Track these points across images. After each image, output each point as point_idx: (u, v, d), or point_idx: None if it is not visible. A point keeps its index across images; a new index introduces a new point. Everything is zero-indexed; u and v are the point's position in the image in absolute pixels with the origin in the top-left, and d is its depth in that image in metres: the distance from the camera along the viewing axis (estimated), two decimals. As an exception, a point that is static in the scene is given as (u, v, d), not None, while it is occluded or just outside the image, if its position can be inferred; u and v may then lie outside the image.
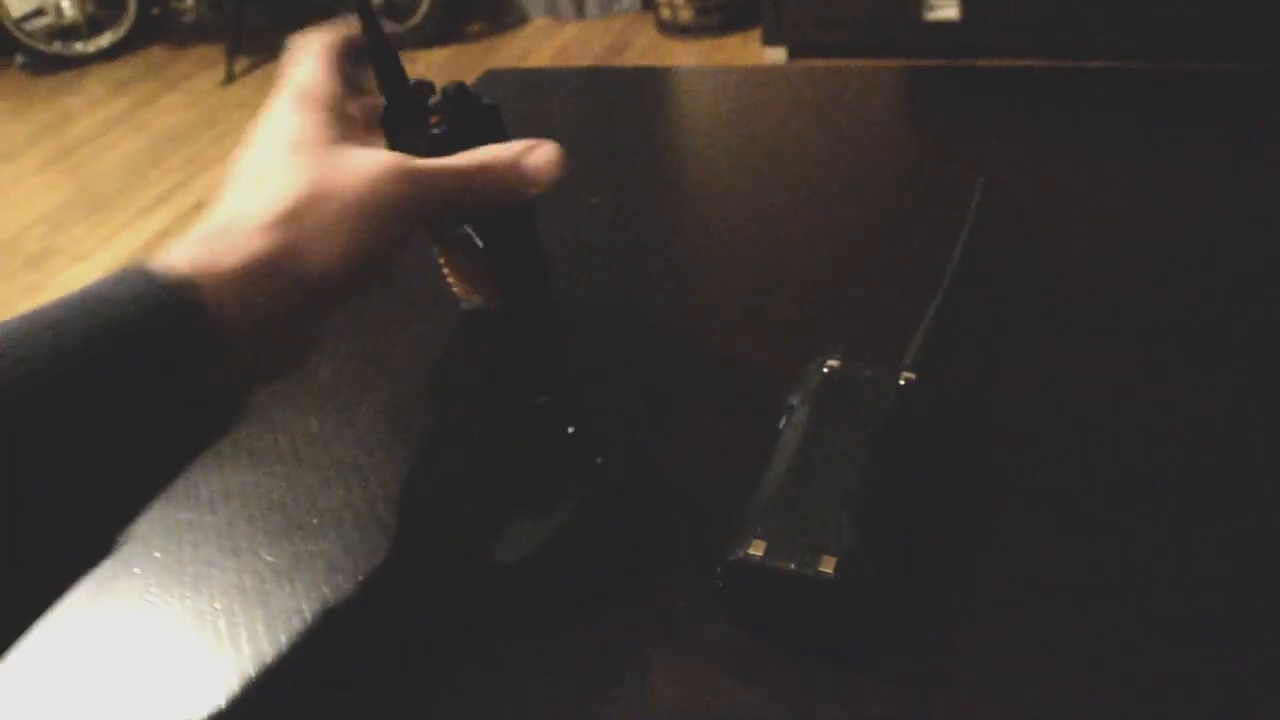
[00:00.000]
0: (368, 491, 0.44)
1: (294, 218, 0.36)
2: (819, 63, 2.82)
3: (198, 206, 2.65)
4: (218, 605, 0.40)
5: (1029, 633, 0.34)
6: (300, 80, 0.42)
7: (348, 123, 0.41)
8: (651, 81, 0.88)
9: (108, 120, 3.44)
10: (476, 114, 0.46)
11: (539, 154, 0.42)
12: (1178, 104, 0.68)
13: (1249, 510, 0.38)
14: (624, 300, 0.55)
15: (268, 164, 0.39)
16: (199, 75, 3.68)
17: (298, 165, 0.38)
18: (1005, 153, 0.64)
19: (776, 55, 2.89)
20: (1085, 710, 0.32)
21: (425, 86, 0.46)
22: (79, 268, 2.47)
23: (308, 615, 0.39)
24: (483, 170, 0.41)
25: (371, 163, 0.38)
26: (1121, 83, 0.72)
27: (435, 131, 0.44)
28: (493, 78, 0.94)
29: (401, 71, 0.45)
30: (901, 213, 0.60)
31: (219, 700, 0.36)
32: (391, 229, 0.39)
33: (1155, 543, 0.37)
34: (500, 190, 0.42)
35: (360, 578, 0.40)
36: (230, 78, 3.54)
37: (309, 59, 0.43)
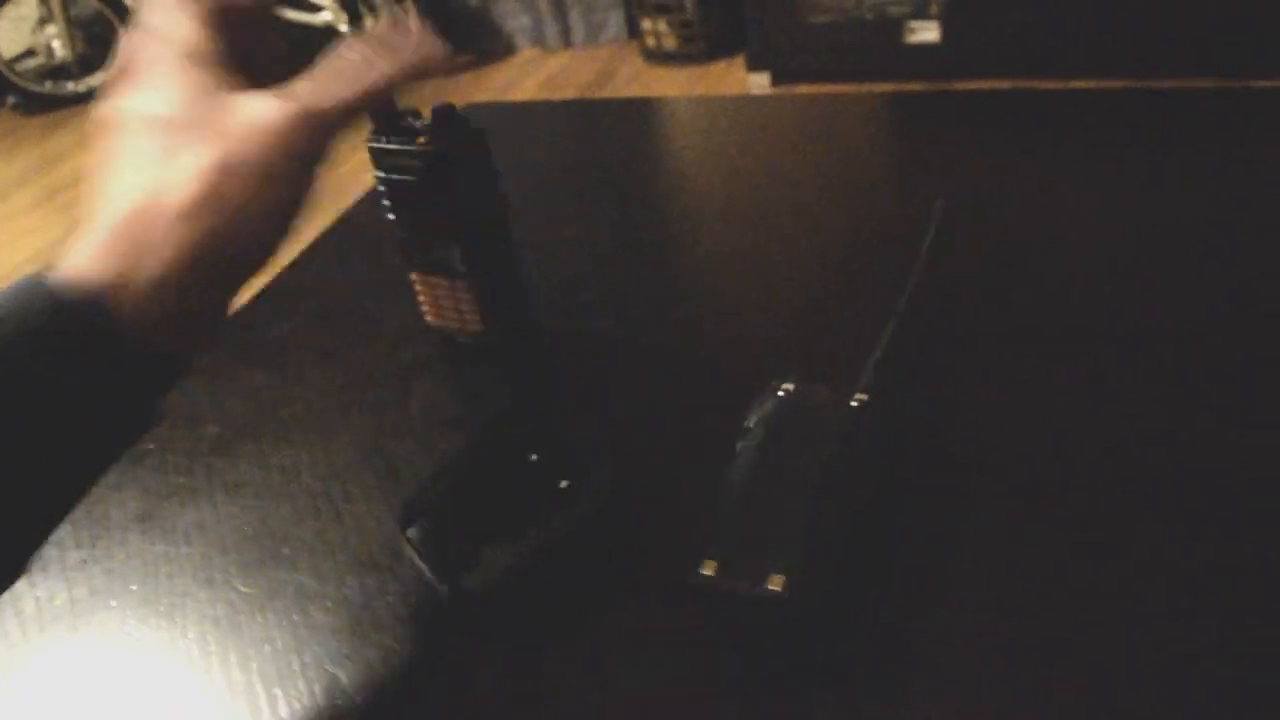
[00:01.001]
0: (340, 522, 0.45)
1: (211, 198, 0.34)
2: (802, 88, 2.84)
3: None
4: (191, 635, 0.41)
5: (995, 647, 0.35)
6: (172, 37, 0.37)
7: (229, 72, 0.37)
8: (634, 112, 0.89)
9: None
10: (464, 135, 0.49)
11: (406, 28, 0.38)
12: (1159, 122, 0.69)
13: (1218, 529, 0.38)
14: (604, 324, 0.57)
15: (162, 136, 0.35)
16: (190, 112, 3.69)
17: (198, 138, 0.35)
18: (982, 176, 0.65)
19: (760, 81, 2.91)
20: None
21: (411, 113, 0.48)
22: (71, 305, 2.49)
23: (280, 644, 0.40)
24: (356, 67, 0.37)
25: (263, 115, 0.35)
26: (1103, 102, 0.73)
27: (422, 147, 0.47)
28: (477, 111, 0.95)
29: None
30: (881, 236, 0.61)
31: (192, 728, 0.37)
32: (304, 174, 0.36)
33: (1122, 557, 0.38)
34: (393, 68, 0.37)
35: (331, 605, 0.41)
36: (221, 114, 3.56)
37: (170, 14, 0.38)
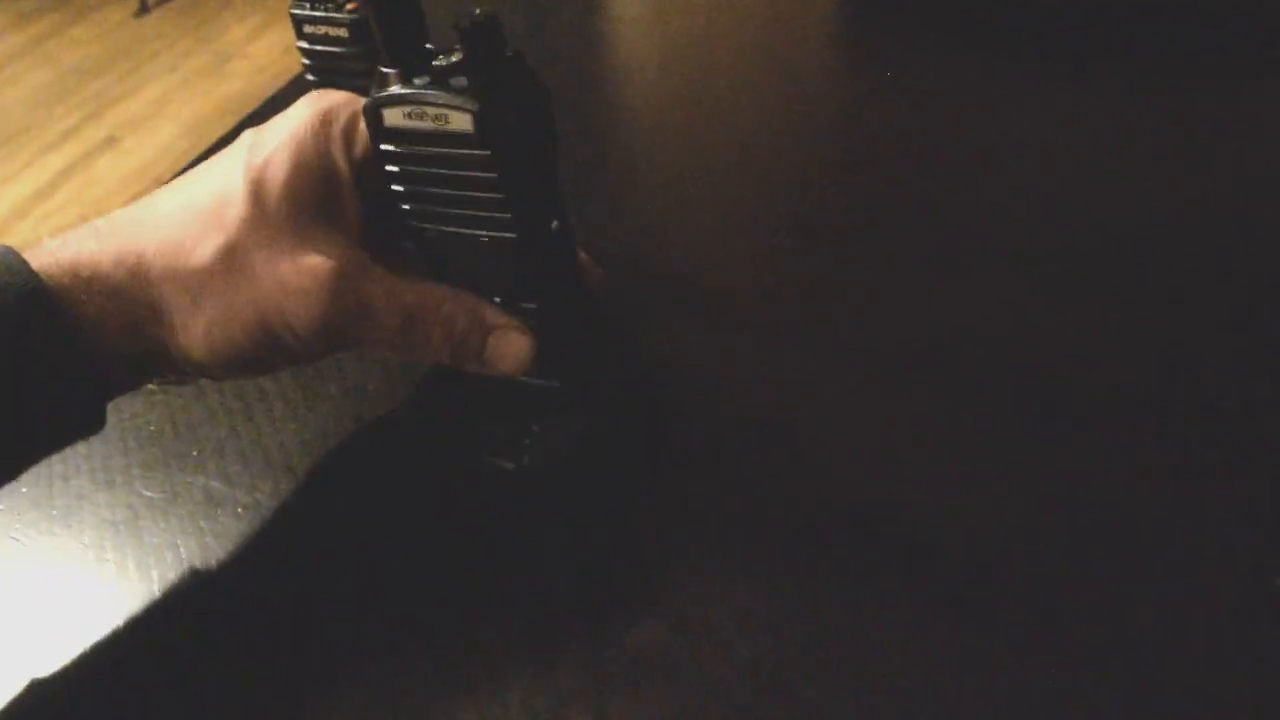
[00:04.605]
0: (252, 423, 0.42)
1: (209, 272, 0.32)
2: None
3: (107, 141, 2.53)
4: (87, 540, 0.38)
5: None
6: (335, 103, 0.34)
7: (338, 188, 0.34)
8: None
9: (11, 53, 3.26)
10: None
11: (511, 341, 0.35)
12: (1144, 28, 0.67)
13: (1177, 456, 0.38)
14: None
15: (214, 192, 0.33)
16: (109, 7, 3.50)
17: (231, 228, 0.32)
18: (922, 75, 0.63)
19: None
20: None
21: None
22: (-20, 204, 2.36)
23: (184, 551, 0.37)
24: (442, 321, 0.34)
25: (298, 272, 0.32)
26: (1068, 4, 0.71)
27: (351, 13, 0.36)
28: None
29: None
30: (821, 129, 0.59)
31: (82, 640, 0.34)
32: (298, 344, 0.33)
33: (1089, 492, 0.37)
34: (448, 349, 0.35)
35: (241, 510, 0.38)
36: (144, 9, 3.37)
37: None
